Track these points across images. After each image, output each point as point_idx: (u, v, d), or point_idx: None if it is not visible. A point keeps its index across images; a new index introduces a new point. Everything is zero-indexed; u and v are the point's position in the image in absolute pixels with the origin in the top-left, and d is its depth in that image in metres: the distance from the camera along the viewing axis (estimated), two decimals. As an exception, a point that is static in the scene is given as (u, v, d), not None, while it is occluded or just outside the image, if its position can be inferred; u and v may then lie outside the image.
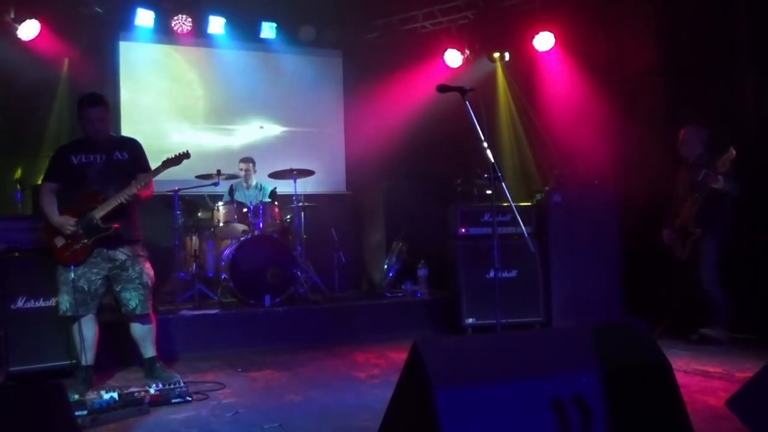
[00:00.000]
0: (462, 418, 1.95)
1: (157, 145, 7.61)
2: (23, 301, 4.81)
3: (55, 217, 4.45)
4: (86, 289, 4.46)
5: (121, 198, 4.42)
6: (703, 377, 4.40)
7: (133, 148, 4.75)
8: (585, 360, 2.22)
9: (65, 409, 1.86)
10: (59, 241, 4.44)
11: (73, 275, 4.41)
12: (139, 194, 4.49)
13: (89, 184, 4.51)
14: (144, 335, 4.67)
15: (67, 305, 4.44)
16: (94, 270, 4.48)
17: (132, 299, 4.53)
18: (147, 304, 4.61)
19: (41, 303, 4.80)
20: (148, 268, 4.66)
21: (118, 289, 4.55)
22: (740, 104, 5.95)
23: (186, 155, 4.74)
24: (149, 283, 4.63)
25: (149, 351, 4.69)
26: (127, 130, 7.72)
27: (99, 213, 4.41)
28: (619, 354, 2.30)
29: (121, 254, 4.54)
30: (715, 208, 5.49)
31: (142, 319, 4.64)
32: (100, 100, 4.60)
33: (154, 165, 4.67)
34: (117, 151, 4.63)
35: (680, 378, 4.31)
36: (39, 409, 1.70)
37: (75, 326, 4.52)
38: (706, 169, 5.43)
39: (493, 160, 3.81)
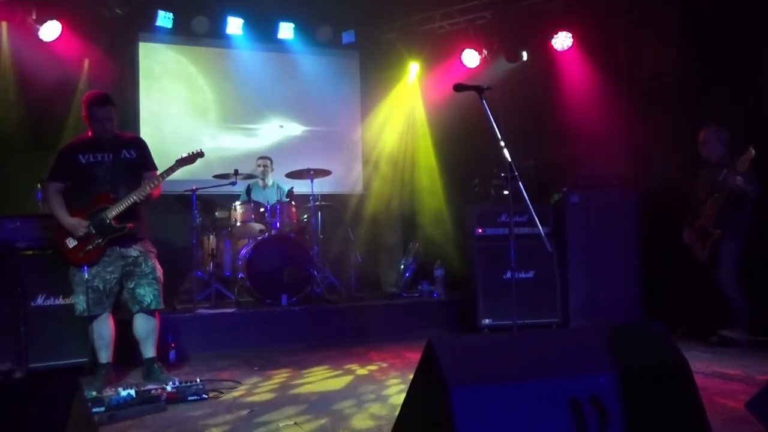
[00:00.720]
0: (477, 418, 1.93)
1: (175, 146, 7.71)
2: (43, 298, 4.88)
3: (67, 218, 4.44)
4: (101, 288, 4.48)
5: (134, 197, 4.44)
6: (722, 379, 4.35)
7: (140, 146, 4.76)
8: (602, 360, 2.19)
9: (81, 405, 1.87)
10: (71, 242, 4.45)
11: (87, 276, 4.43)
12: (151, 193, 4.52)
13: (98, 184, 4.51)
14: (148, 333, 4.64)
15: (84, 306, 4.46)
16: (109, 269, 4.50)
17: (147, 294, 4.55)
18: (161, 300, 4.63)
19: (60, 301, 4.86)
20: (158, 265, 4.68)
21: (131, 286, 4.55)
22: (761, 106, 5.87)
23: (200, 154, 4.76)
24: (161, 278, 4.66)
25: (150, 351, 4.66)
26: (145, 131, 7.80)
27: (112, 213, 4.43)
28: (636, 354, 2.27)
29: (133, 251, 4.56)
30: (735, 209, 5.45)
31: (151, 315, 4.63)
32: (108, 99, 4.59)
33: (163, 165, 4.67)
34: (124, 149, 4.64)
35: (699, 380, 4.28)
36: (55, 404, 1.72)
37: (92, 325, 4.55)
38: (727, 170, 5.39)
39: (510, 160, 3.79)
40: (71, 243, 4.45)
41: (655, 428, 2.16)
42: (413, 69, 8.84)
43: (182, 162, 4.67)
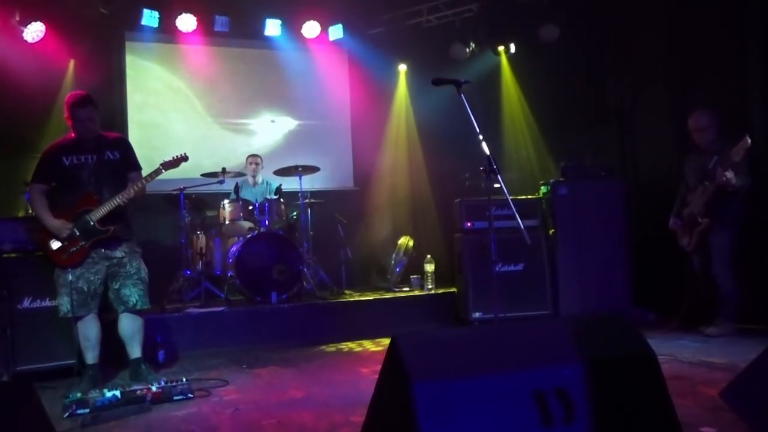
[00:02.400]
0: (440, 412, 1.93)
1: (164, 144, 7.72)
2: (29, 301, 4.88)
3: (51, 220, 4.44)
4: (86, 289, 4.48)
5: (117, 200, 4.44)
6: (707, 368, 4.35)
7: (124, 146, 4.76)
8: (568, 352, 2.19)
9: (35, 409, 1.86)
10: (55, 244, 4.45)
11: (71, 277, 4.42)
12: (135, 194, 4.51)
13: (83, 186, 4.50)
14: (134, 333, 4.62)
15: (67, 307, 4.45)
16: (93, 270, 4.50)
17: (132, 295, 4.54)
18: (146, 300, 4.63)
19: (47, 303, 4.85)
20: (144, 266, 4.68)
21: (116, 287, 4.55)
22: (747, 94, 5.86)
23: (184, 158, 4.76)
24: (146, 278, 4.65)
25: (136, 351, 4.65)
26: (133, 130, 7.79)
27: (95, 215, 4.43)
28: (603, 346, 2.26)
29: (118, 252, 4.56)
30: (726, 199, 5.35)
31: (137, 315, 4.62)
32: (89, 100, 4.57)
33: (152, 164, 4.67)
34: (108, 150, 4.63)
35: (684, 369, 4.35)
36: (7, 410, 1.71)
37: (77, 327, 4.54)
38: (718, 156, 5.34)
39: (488, 153, 3.78)
40: (55, 245, 4.45)
41: (621, 419, 2.15)
42: (401, 64, 8.83)
43: (166, 165, 4.66)
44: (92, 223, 4.43)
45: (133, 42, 7.97)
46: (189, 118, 8.24)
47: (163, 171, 4.63)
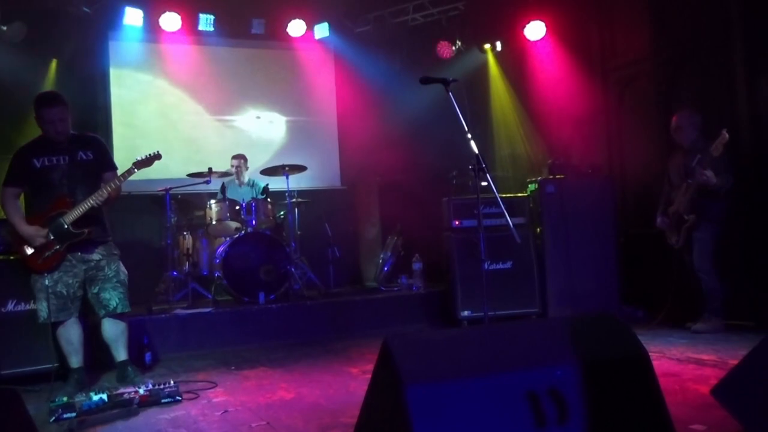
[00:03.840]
0: (433, 415, 1.91)
1: (147, 144, 7.61)
2: (13, 304, 4.80)
3: (24, 227, 4.33)
4: (65, 293, 4.41)
5: (91, 202, 4.34)
6: (696, 365, 4.37)
7: (97, 146, 4.64)
8: (561, 352, 2.18)
9: (20, 415, 1.83)
10: (29, 249, 4.35)
11: (47, 282, 4.35)
12: (110, 196, 4.41)
13: (55, 188, 4.41)
14: (118, 336, 4.56)
15: (46, 312, 4.38)
16: (71, 273, 4.43)
17: (112, 298, 4.47)
18: (127, 303, 4.55)
19: (30, 306, 4.75)
20: (123, 268, 4.61)
21: (95, 291, 4.48)
22: (732, 91, 5.88)
23: (157, 156, 4.65)
24: (125, 281, 4.58)
25: (122, 354, 4.59)
26: (118, 130, 7.73)
27: (69, 218, 4.33)
28: (596, 345, 2.25)
29: (96, 255, 4.48)
30: (709, 195, 5.42)
31: (119, 318, 4.56)
32: (58, 99, 4.44)
33: (125, 167, 4.57)
34: (81, 150, 4.52)
35: (673, 366, 4.36)
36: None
37: (58, 331, 4.49)
38: (701, 155, 5.38)
39: (477, 152, 3.77)
40: (29, 250, 4.35)
41: (615, 419, 2.15)
42: (389, 61, 8.80)
43: (139, 164, 4.55)
44: (66, 226, 4.32)
45: (116, 41, 7.89)
46: (174, 117, 8.18)
47: (135, 170, 4.53)
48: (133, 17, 7.47)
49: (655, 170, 6.33)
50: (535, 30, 7.48)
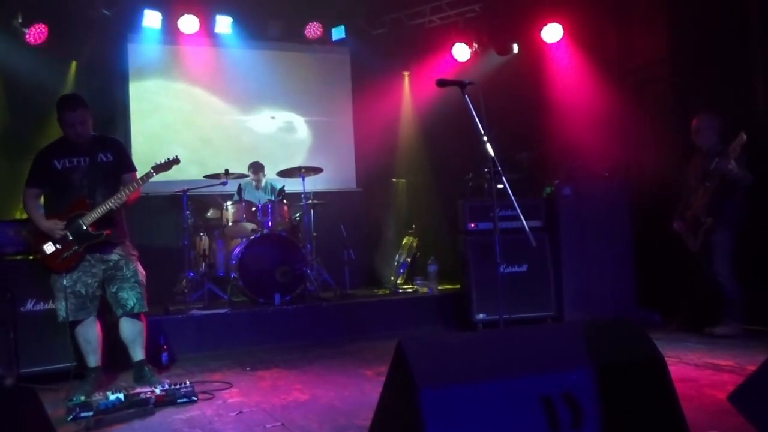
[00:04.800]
0: (447, 418, 1.91)
1: (166, 146, 7.73)
2: (32, 303, 4.87)
3: (43, 221, 4.40)
4: (83, 293, 4.46)
5: (110, 204, 4.38)
6: (713, 371, 4.32)
7: (117, 148, 4.69)
8: (576, 356, 2.17)
9: (38, 414, 1.85)
10: (49, 248, 4.40)
11: (66, 281, 4.39)
12: (127, 199, 4.45)
13: (75, 189, 4.46)
14: (135, 336, 4.58)
15: (65, 312, 4.43)
16: (89, 273, 4.47)
17: (130, 298, 4.50)
18: (144, 302, 4.57)
19: (50, 305, 4.81)
20: (140, 268, 4.63)
21: (114, 290, 4.51)
22: (751, 94, 5.83)
23: (176, 161, 4.69)
24: (143, 281, 4.60)
25: (139, 354, 4.60)
26: (136, 131, 7.80)
27: (88, 219, 4.38)
28: (611, 350, 2.24)
29: (114, 255, 4.52)
30: (727, 198, 5.41)
31: (136, 318, 4.58)
32: (80, 102, 4.51)
33: (150, 168, 4.62)
34: (101, 152, 4.57)
35: (690, 371, 4.32)
36: (11, 415, 1.70)
37: (76, 330, 4.53)
38: (719, 158, 5.35)
39: (492, 155, 3.76)
40: (49, 249, 4.40)
41: (630, 424, 2.13)
42: (404, 63, 8.81)
43: (158, 168, 4.59)
44: (85, 228, 4.37)
45: (135, 43, 7.97)
46: (191, 119, 8.23)
47: (154, 174, 4.57)
48: (151, 19, 7.53)
49: (672, 173, 6.28)
50: (552, 32, 7.44)
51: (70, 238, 4.39)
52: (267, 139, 8.48)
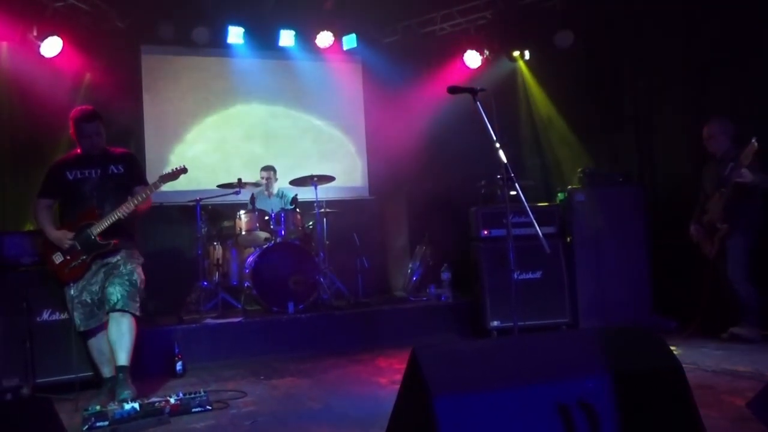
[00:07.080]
0: (462, 426, 1.90)
1: (179, 155, 7.77)
2: (48, 313, 4.91)
3: (53, 231, 4.47)
4: (89, 301, 4.51)
5: (118, 214, 4.42)
6: (732, 377, 4.28)
7: (129, 160, 4.75)
8: (592, 364, 2.14)
9: (54, 424, 1.86)
10: (57, 258, 4.47)
11: (73, 292, 4.44)
12: (137, 209, 4.48)
13: (86, 200, 4.52)
14: (117, 337, 4.35)
15: (79, 321, 4.49)
16: (93, 280, 4.52)
17: (115, 293, 4.39)
18: (129, 302, 4.42)
19: (65, 315, 4.84)
20: (140, 272, 4.60)
21: (105, 285, 4.47)
22: (764, 95, 5.78)
23: (183, 170, 4.72)
24: (138, 284, 4.53)
25: (121, 357, 4.34)
26: (150, 142, 7.84)
27: (96, 229, 4.42)
28: (628, 357, 2.22)
29: (116, 257, 4.54)
30: (743, 203, 5.38)
31: (122, 317, 4.39)
32: (95, 114, 4.59)
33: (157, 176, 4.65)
34: (112, 164, 4.63)
35: (709, 378, 4.27)
36: (27, 425, 1.70)
37: (89, 342, 4.59)
38: (733, 163, 5.31)
39: (505, 161, 3.75)
40: (58, 259, 4.47)
41: (648, 432, 2.11)
42: (416, 70, 8.81)
43: (165, 178, 4.63)
44: (93, 237, 4.42)
45: (149, 55, 8.03)
46: (205, 129, 8.27)
47: (161, 184, 4.61)
48: (165, 30, 7.58)
49: (687, 178, 6.24)
50: (563, 38, 7.43)
51: (78, 247, 4.44)
52: (280, 149, 8.49)
